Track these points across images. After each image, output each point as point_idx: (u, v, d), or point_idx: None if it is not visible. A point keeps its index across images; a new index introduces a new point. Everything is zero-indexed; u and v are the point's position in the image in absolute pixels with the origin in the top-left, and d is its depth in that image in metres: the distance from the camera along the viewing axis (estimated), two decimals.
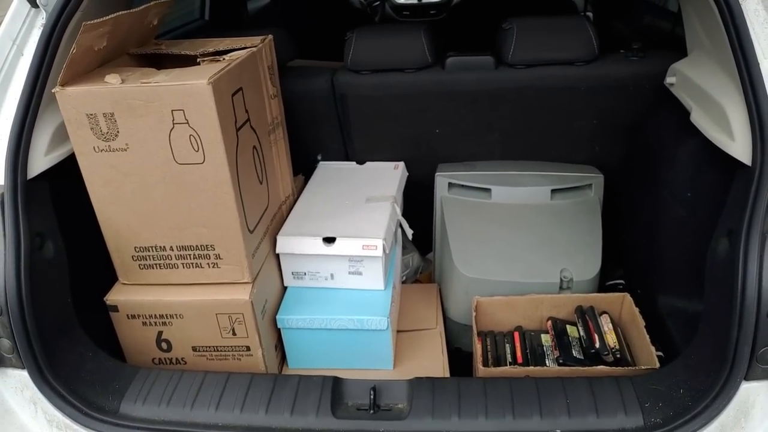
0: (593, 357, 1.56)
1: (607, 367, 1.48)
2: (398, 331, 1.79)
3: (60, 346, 1.36)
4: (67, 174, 1.42)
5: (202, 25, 2.95)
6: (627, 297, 1.67)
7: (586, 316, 1.66)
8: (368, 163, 2.12)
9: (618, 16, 2.98)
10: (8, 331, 1.27)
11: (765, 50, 1.26)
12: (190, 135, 1.33)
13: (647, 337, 1.52)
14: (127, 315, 1.53)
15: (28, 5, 1.39)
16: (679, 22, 1.80)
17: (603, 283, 1.87)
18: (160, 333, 1.54)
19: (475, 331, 1.64)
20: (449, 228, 1.89)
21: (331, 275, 1.70)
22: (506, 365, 1.60)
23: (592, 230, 1.84)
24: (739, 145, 1.27)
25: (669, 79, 1.72)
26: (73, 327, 1.41)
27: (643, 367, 1.45)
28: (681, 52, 1.74)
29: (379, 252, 1.63)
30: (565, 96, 1.92)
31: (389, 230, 1.72)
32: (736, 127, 1.29)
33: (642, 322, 1.56)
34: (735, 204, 1.27)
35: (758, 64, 1.24)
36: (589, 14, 3.49)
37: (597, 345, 1.56)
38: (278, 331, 1.67)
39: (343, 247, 1.65)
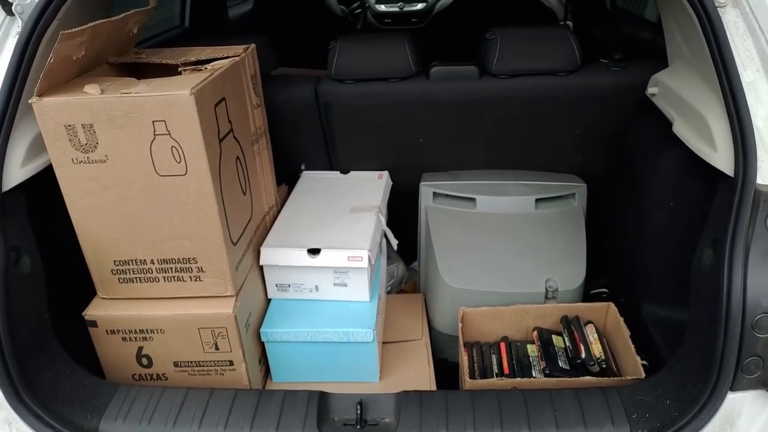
0: (579, 367, 1.56)
1: (594, 378, 1.48)
2: (384, 343, 1.77)
3: (36, 363, 1.32)
4: (44, 186, 1.39)
5: (182, 32, 2.91)
6: (612, 306, 1.68)
7: (571, 326, 1.66)
8: (352, 173, 2.11)
9: (597, 26, 3.02)
10: None
11: (745, 62, 1.27)
12: (172, 146, 1.30)
13: (632, 346, 1.53)
14: (107, 330, 1.49)
15: (3, 13, 1.36)
16: (660, 32, 1.83)
17: (587, 292, 1.88)
18: (140, 348, 1.51)
19: (461, 343, 1.63)
20: (434, 238, 1.89)
21: (316, 287, 1.68)
22: (493, 377, 1.59)
23: (577, 239, 1.85)
24: (721, 156, 1.29)
25: (650, 90, 1.73)
26: (51, 344, 1.37)
27: (629, 378, 1.46)
28: (662, 62, 1.76)
29: (365, 263, 1.61)
30: (548, 106, 1.93)
31: (374, 241, 1.70)
32: (718, 138, 1.30)
33: (627, 332, 1.57)
34: (718, 214, 1.28)
35: (739, 75, 1.25)
36: (569, 23, 3.54)
37: (583, 355, 1.57)
38: (262, 345, 1.65)
39: (328, 259, 1.63)
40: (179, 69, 1.46)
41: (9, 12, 1.35)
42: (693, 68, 1.51)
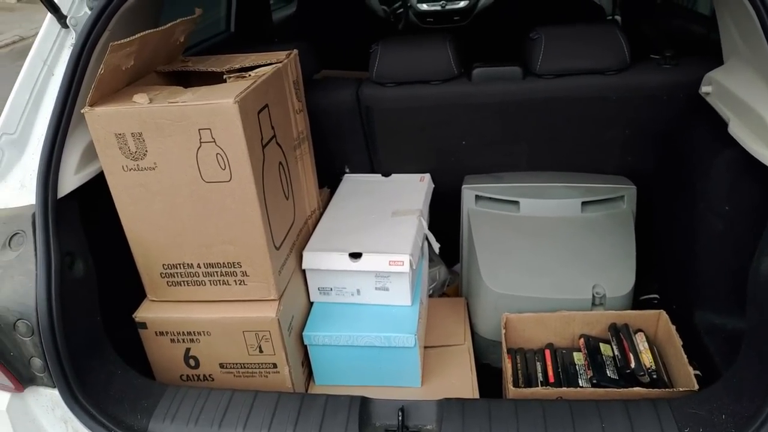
0: (628, 377, 1.51)
1: (644, 389, 1.43)
2: (426, 347, 1.76)
3: (90, 364, 1.37)
4: (95, 192, 1.44)
5: (227, 37, 2.97)
6: (663, 314, 1.62)
7: (620, 334, 1.61)
8: (394, 175, 2.10)
9: (647, 20, 2.92)
10: (39, 351, 1.28)
11: None
12: (217, 153, 1.33)
13: (685, 356, 1.47)
14: (156, 332, 1.53)
15: (59, 26, 1.41)
16: (714, 27, 1.75)
17: (637, 298, 1.81)
18: (187, 350, 1.54)
19: (504, 350, 1.60)
20: (477, 242, 1.86)
21: (358, 291, 1.69)
22: (537, 385, 1.56)
23: (626, 244, 1.79)
24: None
25: (704, 89, 1.66)
26: (103, 345, 1.42)
27: (681, 389, 1.40)
28: (716, 58, 1.69)
29: (406, 268, 1.60)
30: (596, 106, 1.87)
31: (416, 245, 1.69)
32: None
33: (679, 341, 1.51)
34: None
35: None
36: (617, 18, 3.43)
37: (632, 365, 1.52)
38: (305, 348, 1.66)
39: (369, 263, 1.63)
40: (224, 76, 1.49)
41: (64, 25, 1.40)
42: (751, 66, 1.44)
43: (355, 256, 1.64)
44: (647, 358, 1.54)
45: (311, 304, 1.73)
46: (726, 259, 1.57)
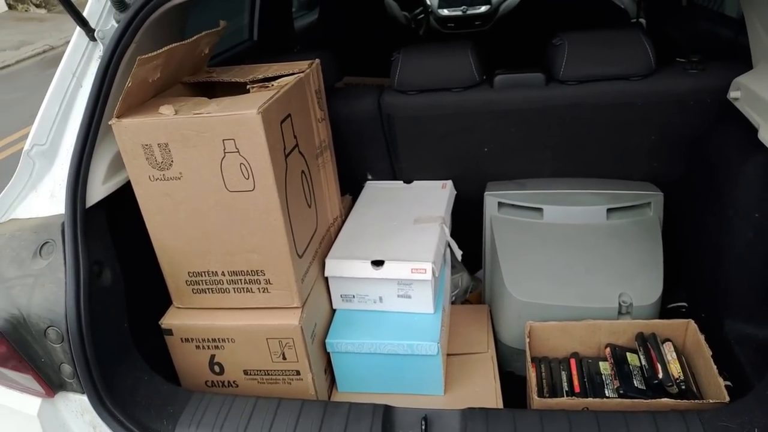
0: (656, 388, 1.48)
1: (672, 400, 1.40)
2: (448, 355, 1.75)
3: (117, 371, 1.39)
4: (122, 202, 1.46)
5: (251, 45, 3.01)
6: (692, 323, 1.58)
7: (647, 343, 1.58)
8: (416, 182, 2.10)
9: (672, 23, 2.87)
10: (69, 357, 1.31)
11: None
12: (241, 163, 1.34)
13: (714, 367, 1.43)
14: (181, 338, 1.55)
15: (87, 39, 1.44)
16: (742, 30, 1.71)
17: (664, 306, 1.78)
18: (212, 356, 1.56)
19: (528, 358, 1.59)
20: (500, 249, 1.85)
21: (380, 298, 1.69)
22: (563, 395, 1.54)
23: (653, 252, 1.76)
24: None
25: (733, 94, 1.63)
26: (130, 352, 1.44)
27: (710, 401, 1.37)
28: (744, 63, 1.65)
29: (428, 276, 1.60)
30: (621, 112, 1.85)
31: (438, 252, 1.69)
32: None
33: (708, 351, 1.48)
34: None
35: None
36: (642, 21, 3.38)
37: (660, 375, 1.49)
38: (328, 355, 1.67)
39: (391, 271, 1.63)
40: (247, 87, 1.51)
41: (92, 38, 1.43)
42: None
43: (378, 263, 1.64)
44: (675, 368, 1.50)
45: (334, 311, 1.74)
46: (756, 267, 1.53)
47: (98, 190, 1.43)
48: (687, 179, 1.89)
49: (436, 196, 1.98)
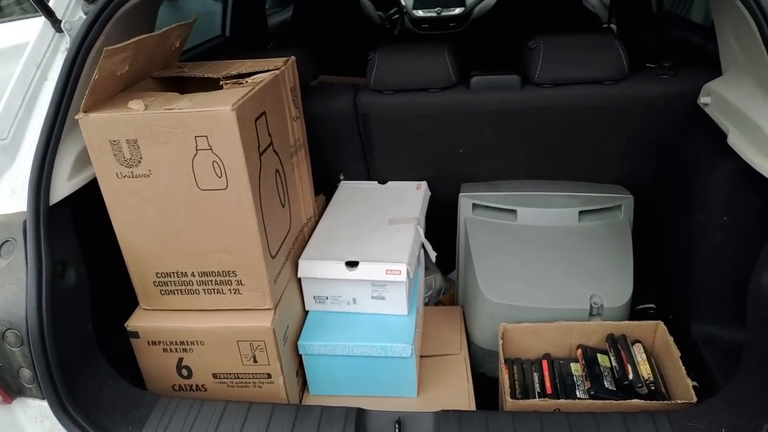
0: (626, 389, 1.50)
1: (642, 401, 1.42)
2: (421, 357, 1.75)
3: (80, 375, 1.34)
4: (88, 199, 1.41)
5: (223, 41, 2.95)
6: (661, 325, 1.61)
7: (618, 344, 1.60)
8: (390, 183, 2.09)
9: (643, 29, 2.92)
10: (29, 361, 1.26)
11: None
12: (213, 161, 1.31)
13: (683, 368, 1.46)
14: (148, 341, 1.51)
15: (53, 30, 1.39)
16: (712, 38, 1.75)
17: (633, 308, 1.81)
18: (180, 359, 1.52)
19: (502, 360, 1.59)
20: (474, 251, 1.85)
21: (354, 300, 1.67)
22: (535, 396, 1.54)
23: (623, 254, 1.78)
24: None
25: (703, 99, 1.66)
26: (94, 355, 1.40)
27: (679, 402, 1.39)
28: (714, 69, 1.69)
29: (403, 277, 1.59)
30: (594, 115, 1.87)
31: (413, 254, 1.68)
32: None
33: (677, 353, 1.50)
34: None
35: None
36: (613, 26, 3.44)
37: (630, 376, 1.51)
38: (300, 357, 1.64)
39: (365, 272, 1.61)
40: (220, 83, 1.47)
41: (58, 29, 1.38)
42: (751, 78, 1.44)
43: (352, 264, 1.62)
44: (645, 370, 1.53)
45: (306, 312, 1.71)
46: (724, 270, 1.56)
47: (63, 186, 1.38)
48: (657, 182, 1.92)
49: (410, 197, 1.98)
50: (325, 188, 2.03)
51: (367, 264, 1.62)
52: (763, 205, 1.39)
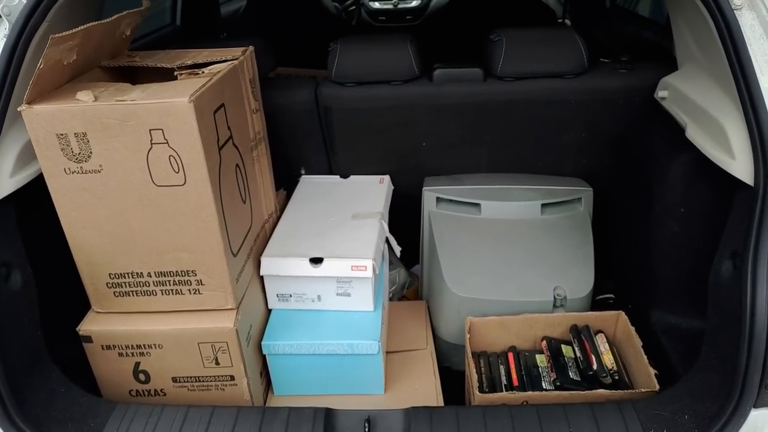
0: (591, 379, 1.52)
1: (607, 391, 1.44)
2: (388, 352, 1.73)
3: (29, 384, 1.26)
4: (34, 197, 1.32)
5: (173, 31, 2.84)
6: (622, 315, 1.64)
7: (581, 335, 1.62)
8: (352, 177, 2.06)
9: (596, 25, 2.98)
10: None
11: (763, 66, 1.23)
12: (170, 156, 1.24)
13: (645, 357, 1.49)
14: (102, 346, 1.43)
15: None
16: (667, 34, 1.79)
17: (593, 298, 1.84)
18: (137, 364, 1.45)
19: (469, 354, 1.59)
20: (438, 245, 1.84)
21: (318, 297, 1.63)
22: (502, 389, 1.55)
23: (584, 246, 1.81)
24: (739, 164, 1.25)
25: (660, 93, 1.69)
26: (43, 362, 1.32)
27: (642, 390, 1.42)
28: (669, 63, 1.72)
29: (369, 273, 1.56)
30: (554, 109, 1.88)
31: (378, 249, 1.66)
32: (736, 145, 1.26)
33: (639, 342, 1.53)
34: (737, 225, 1.24)
35: (758, 81, 1.21)
36: (567, 21, 3.50)
37: (594, 366, 1.53)
38: (263, 357, 1.59)
39: (330, 268, 1.58)
40: (175, 73, 1.40)
41: None
42: (706, 72, 1.47)
43: (316, 261, 1.58)
44: (608, 359, 1.55)
45: (270, 311, 1.66)
46: (681, 260, 1.60)
47: (5, 183, 1.28)
48: (616, 175, 1.96)
49: (374, 191, 1.95)
50: (285, 183, 1.98)
51: (331, 260, 1.58)
52: (720, 197, 1.43)
